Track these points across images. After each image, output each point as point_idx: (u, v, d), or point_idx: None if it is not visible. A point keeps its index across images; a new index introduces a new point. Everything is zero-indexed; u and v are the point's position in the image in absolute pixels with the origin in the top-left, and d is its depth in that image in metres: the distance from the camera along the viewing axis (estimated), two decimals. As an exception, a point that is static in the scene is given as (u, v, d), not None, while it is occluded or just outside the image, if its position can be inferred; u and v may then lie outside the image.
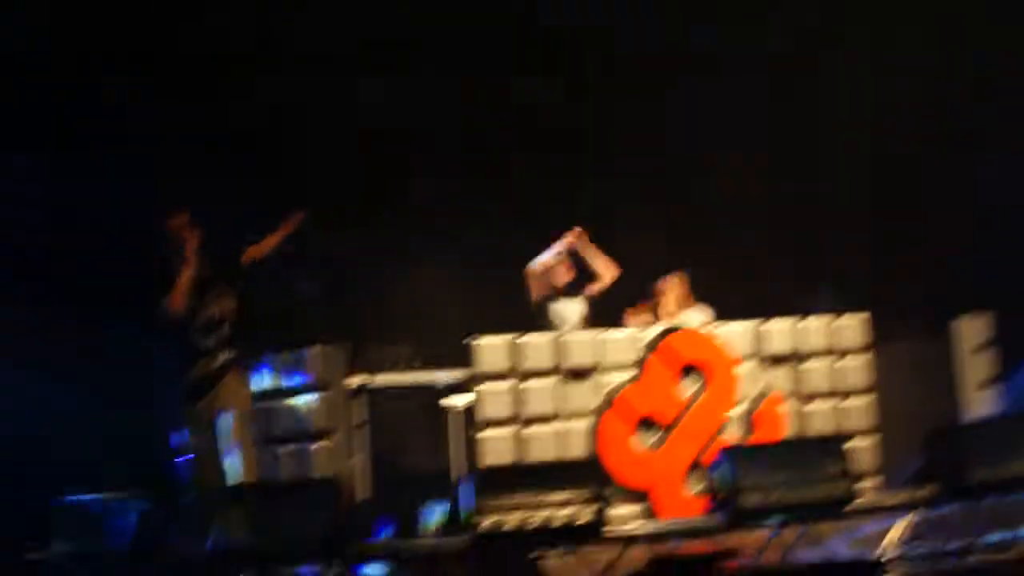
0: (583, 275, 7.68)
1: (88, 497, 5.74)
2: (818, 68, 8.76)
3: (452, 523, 6.18)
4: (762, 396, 7.25)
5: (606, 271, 7.58)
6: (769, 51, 8.85)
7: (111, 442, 7.29)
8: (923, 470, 6.31)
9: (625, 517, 6.62)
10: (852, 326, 7.46)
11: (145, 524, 5.62)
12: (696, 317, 7.61)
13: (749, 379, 7.26)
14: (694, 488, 7.04)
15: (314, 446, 6.70)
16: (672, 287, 7.70)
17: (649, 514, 6.87)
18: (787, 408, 7.28)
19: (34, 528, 5.77)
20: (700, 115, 8.59)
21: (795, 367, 7.36)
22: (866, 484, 6.90)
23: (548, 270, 7.56)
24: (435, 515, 6.54)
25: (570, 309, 7.60)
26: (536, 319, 7.48)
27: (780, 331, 7.38)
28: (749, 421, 7.20)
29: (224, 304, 6.28)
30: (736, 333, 7.31)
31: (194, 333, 6.23)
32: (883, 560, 5.38)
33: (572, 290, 7.62)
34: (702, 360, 7.22)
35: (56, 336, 7.54)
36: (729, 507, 5.62)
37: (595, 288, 7.60)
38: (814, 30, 8.80)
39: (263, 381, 6.93)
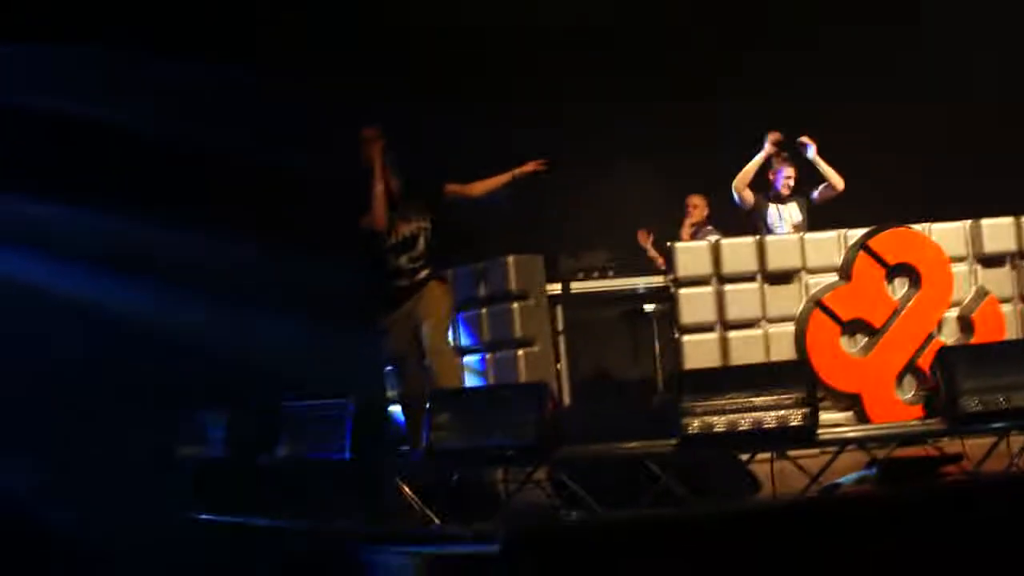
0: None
1: (308, 403, 5.90)
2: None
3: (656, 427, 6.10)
4: (980, 297, 6.91)
5: (832, 178, 7.36)
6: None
7: (322, 359, 7.50)
8: None
9: (836, 421, 6.44)
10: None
11: (357, 430, 5.75)
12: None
13: (965, 280, 6.92)
14: (907, 392, 6.80)
15: (518, 352, 6.72)
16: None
17: (860, 419, 6.68)
18: (1007, 310, 6.93)
19: (264, 436, 5.98)
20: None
21: (1014, 267, 6.98)
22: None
23: (769, 173, 7.43)
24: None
25: (787, 213, 7.42)
26: (753, 225, 7.36)
27: (997, 230, 7.00)
28: (967, 323, 6.88)
29: (418, 223, 6.30)
30: (950, 232, 6.97)
31: (389, 253, 6.28)
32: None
33: (790, 197, 7.44)
34: (914, 260, 6.91)
35: (266, 268, 7.78)
36: (949, 411, 5.37)
37: (823, 194, 7.39)
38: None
39: (462, 291, 6.97)
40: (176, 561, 5.57)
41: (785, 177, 7.47)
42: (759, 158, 7.39)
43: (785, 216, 7.43)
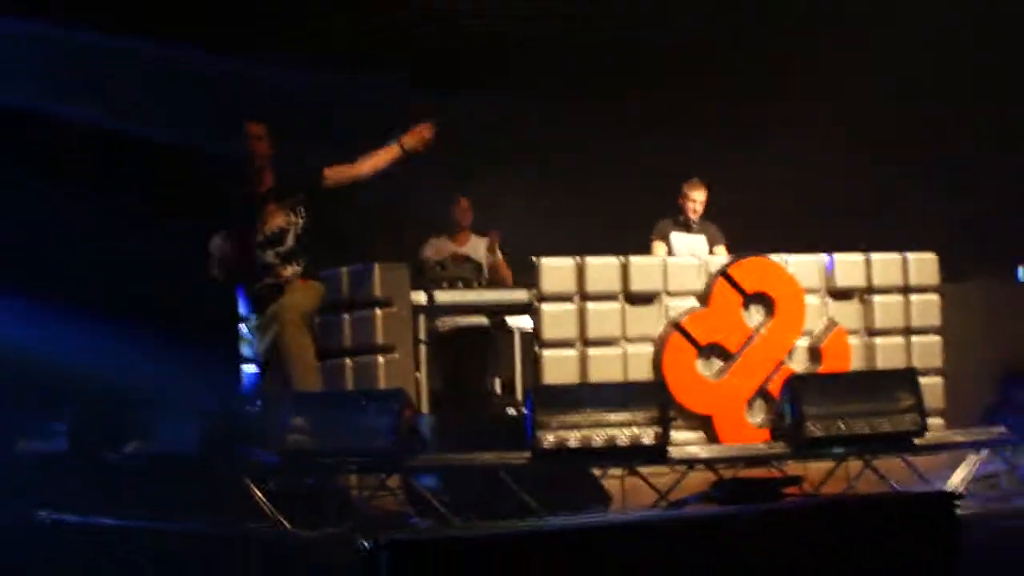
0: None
1: (159, 400, 5.80)
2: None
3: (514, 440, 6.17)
4: (829, 328, 7.16)
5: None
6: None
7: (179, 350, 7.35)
8: (992, 410, 6.24)
9: (686, 442, 6.59)
10: (922, 264, 7.32)
11: (213, 430, 5.66)
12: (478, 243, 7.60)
13: (816, 312, 7.17)
14: (756, 416, 7.00)
15: (379, 359, 6.72)
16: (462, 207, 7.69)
17: (710, 440, 6.85)
18: (854, 342, 7.19)
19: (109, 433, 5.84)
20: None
21: (863, 302, 7.26)
22: (933, 422, 6.81)
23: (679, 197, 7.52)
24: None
25: (692, 245, 7.54)
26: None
27: (850, 265, 7.27)
28: (816, 353, 7.12)
29: (288, 217, 6.25)
30: (805, 265, 7.21)
31: (256, 248, 6.22)
32: (953, 494, 5.31)
33: (698, 225, 7.56)
34: (770, 289, 7.13)
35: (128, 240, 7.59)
36: (793, 436, 5.57)
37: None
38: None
39: (327, 295, 6.92)
40: (16, 561, 5.38)
41: (692, 201, 7.55)
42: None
43: (688, 248, 7.49)
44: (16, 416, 6.31)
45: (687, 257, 7.32)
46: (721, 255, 7.43)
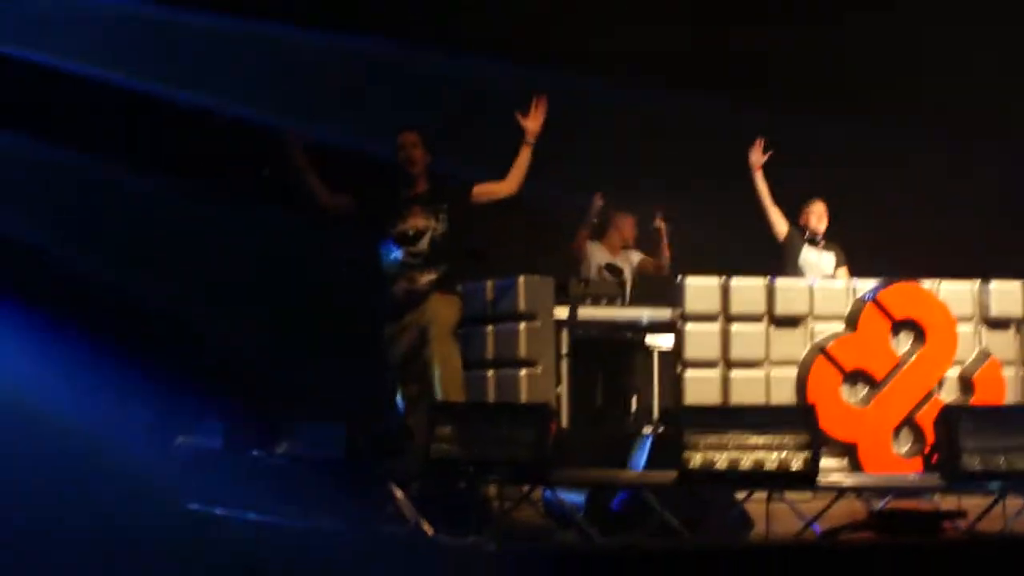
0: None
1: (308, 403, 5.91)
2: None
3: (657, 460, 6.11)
4: (982, 359, 6.95)
5: None
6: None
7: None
8: None
9: (830, 469, 6.45)
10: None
11: (359, 434, 5.74)
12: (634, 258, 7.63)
13: (969, 341, 6.96)
14: (902, 447, 6.82)
15: (521, 372, 6.73)
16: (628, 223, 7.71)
17: (855, 468, 6.70)
18: (1009, 374, 6.96)
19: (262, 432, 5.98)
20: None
21: (1019, 331, 7.02)
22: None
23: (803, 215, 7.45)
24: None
25: (823, 258, 7.44)
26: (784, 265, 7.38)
27: (1005, 294, 7.04)
28: (967, 383, 6.91)
29: (429, 221, 6.31)
30: (957, 292, 7.01)
31: (391, 240, 6.29)
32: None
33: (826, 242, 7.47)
34: (920, 317, 6.95)
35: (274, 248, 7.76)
36: (949, 468, 5.40)
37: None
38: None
39: (470, 306, 6.97)
40: (167, 552, 5.53)
41: (817, 217, 7.48)
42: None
43: (817, 263, 7.43)
44: (175, 412, 6.49)
45: (833, 281, 7.19)
46: (843, 277, 7.30)
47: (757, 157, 7.41)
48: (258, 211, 7.64)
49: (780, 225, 7.50)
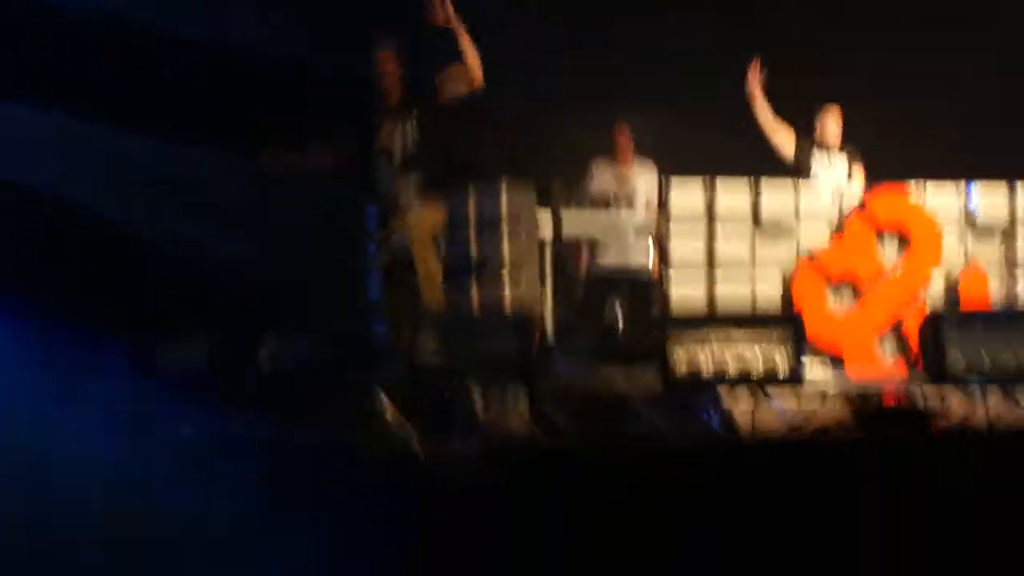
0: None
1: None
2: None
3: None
4: (968, 265, 6.92)
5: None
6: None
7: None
8: None
9: (819, 375, 6.45)
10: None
11: (340, 346, 5.72)
12: (641, 174, 7.32)
13: (954, 247, 6.93)
14: (887, 354, 6.82)
15: (505, 277, 6.68)
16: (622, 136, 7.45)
17: (841, 375, 6.70)
18: (993, 280, 6.94)
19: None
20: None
21: (1005, 239, 6.99)
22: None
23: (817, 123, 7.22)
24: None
25: (835, 166, 7.28)
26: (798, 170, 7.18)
27: (991, 198, 7.00)
28: (953, 291, 6.89)
29: (395, 131, 6.29)
30: (943, 196, 6.96)
31: (375, 156, 6.30)
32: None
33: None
34: (906, 224, 6.90)
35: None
36: (934, 370, 5.42)
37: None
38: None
39: (454, 211, 6.89)
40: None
41: (831, 125, 7.22)
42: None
43: (828, 172, 7.20)
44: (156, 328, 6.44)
45: (819, 189, 7.10)
46: (859, 180, 7.21)
47: (754, 82, 7.10)
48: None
49: (787, 147, 7.23)
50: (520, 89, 8.16)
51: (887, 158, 7.32)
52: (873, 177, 7.16)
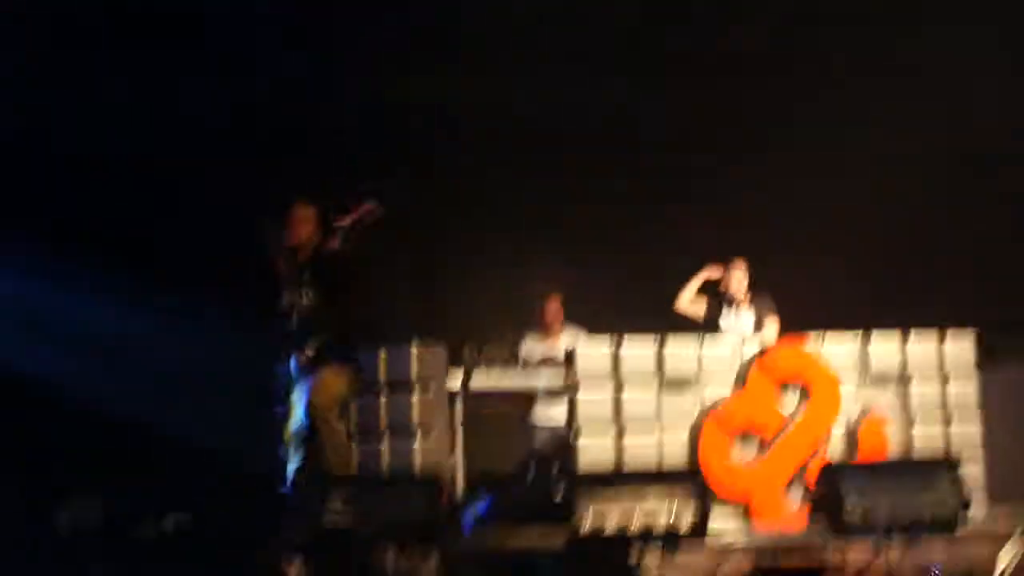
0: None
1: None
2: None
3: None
4: (865, 415, 7.13)
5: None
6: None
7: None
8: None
9: (723, 528, 6.54)
10: (960, 348, 7.27)
11: (255, 509, 5.69)
12: (571, 338, 7.50)
13: (852, 398, 7.14)
14: (793, 503, 6.94)
15: (415, 441, 6.73)
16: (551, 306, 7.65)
17: (747, 526, 6.79)
18: (891, 429, 7.15)
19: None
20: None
21: (900, 387, 7.22)
22: (974, 508, 6.73)
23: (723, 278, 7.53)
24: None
25: (741, 319, 7.54)
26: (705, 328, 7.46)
27: (885, 349, 7.25)
28: (852, 440, 7.08)
29: (292, 297, 6.33)
30: (840, 349, 7.20)
31: (277, 319, 6.30)
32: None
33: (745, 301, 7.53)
34: (804, 376, 7.12)
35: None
36: (833, 522, 5.54)
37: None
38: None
39: (365, 374, 6.95)
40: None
41: (735, 280, 7.54)
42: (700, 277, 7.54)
43: (735, 326, 7.48)
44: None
45: (723, 342, 7.29)
46: (772, 329, 7.44)
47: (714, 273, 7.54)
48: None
49: (698, 311, 7.59)
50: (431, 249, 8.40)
51: (786, 311, 7.60)
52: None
